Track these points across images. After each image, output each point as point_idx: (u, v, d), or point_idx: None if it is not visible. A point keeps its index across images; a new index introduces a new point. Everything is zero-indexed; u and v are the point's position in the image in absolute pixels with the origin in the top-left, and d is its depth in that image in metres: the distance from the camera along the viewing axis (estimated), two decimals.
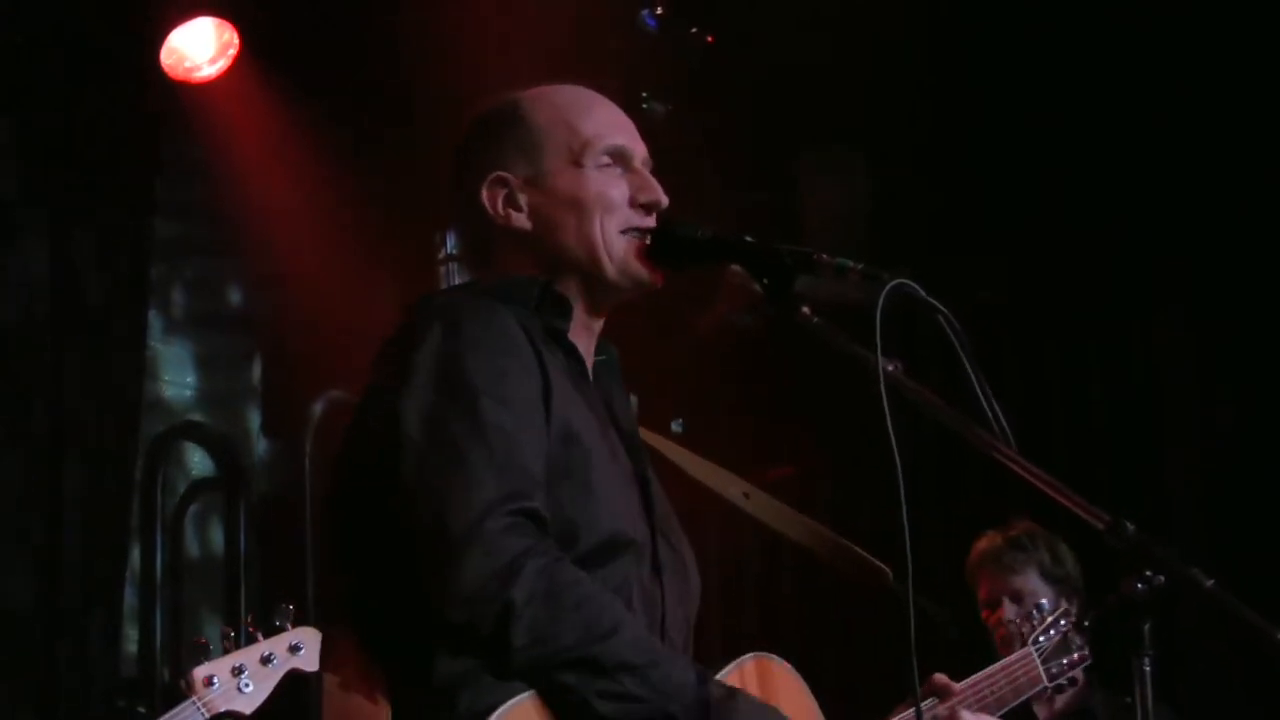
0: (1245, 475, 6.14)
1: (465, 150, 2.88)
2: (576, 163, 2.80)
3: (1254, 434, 6.18)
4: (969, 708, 3.40)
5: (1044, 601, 3.94)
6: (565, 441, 2.59)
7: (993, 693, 3.54)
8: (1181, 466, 6.36)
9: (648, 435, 2.97)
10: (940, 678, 3.39)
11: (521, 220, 2.79)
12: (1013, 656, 3.66)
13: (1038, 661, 3.70)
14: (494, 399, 2.53)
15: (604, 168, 2.81)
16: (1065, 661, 3.75)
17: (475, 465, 2.46)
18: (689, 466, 3.31)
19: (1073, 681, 3.79)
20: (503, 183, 2.80)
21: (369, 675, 2.55)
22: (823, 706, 2.94)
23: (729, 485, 3.41)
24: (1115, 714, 4.62)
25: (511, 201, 2.79)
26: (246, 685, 3.87)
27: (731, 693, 2.54)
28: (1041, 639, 3.74)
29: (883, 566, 3.43)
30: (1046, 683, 3.70)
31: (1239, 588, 2.55)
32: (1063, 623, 3.78)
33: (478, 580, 2.39)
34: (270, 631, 3.96)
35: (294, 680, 3.97)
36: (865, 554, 3.47)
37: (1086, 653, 3.82)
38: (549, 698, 2.44)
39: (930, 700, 3.35)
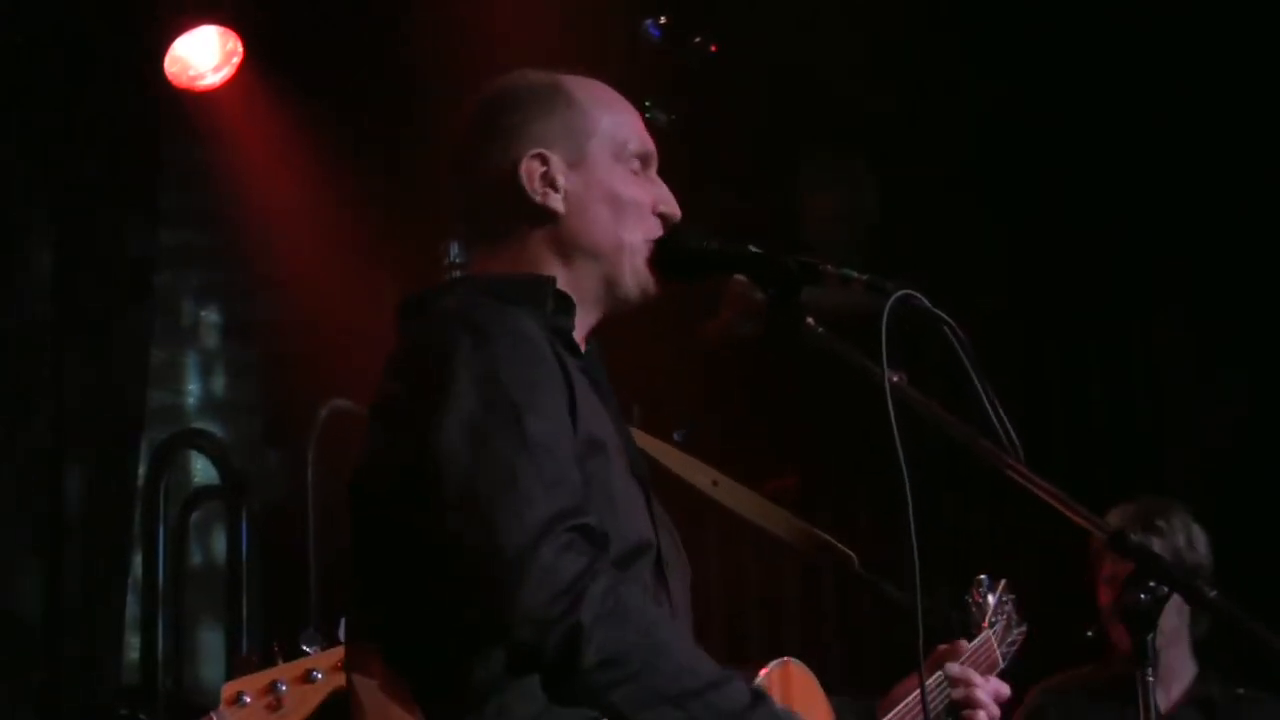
0: (1245, 475, 6.15)
1: (494, 120, 2.76)
2: (617, 157, 2.76)
3: (1254, 434, 6.19)
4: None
5: (983, 577, 3.63)
6: (590, 448, 2.54)
7: None
8: (1181, 466, 6.36)
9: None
10: (943, 647, 3.30)
11: (556, 202, 2.71)
12: (976, 641, 3.43)
13: (995, 644, 3.51)
14: (535, 413, 2.45)
15: (635, 171, 2.78)
16: (1010, 641, 3.56)
17: (526, 482, 2.39)
18: (655, 453, 3.27)
19: (1012, 660, 3.53)
20: (543, 160, 2.71)
21: (400, 684, 2.50)
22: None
23: (696, 473, 3.37)
24: (1232, 704, 4.53)
25: (549, 181, 2.71)
26: (279, 704, 3.52)
27: (787, 713, 2.53)
28: (995, 620, 3.54)
29: (849, 552, 3.40)
30: (1002, 665, 3.48)
31: (1239, 588, 2.55)
32: (1005, 600, 3.60)
33: (542, 601, 2.34)
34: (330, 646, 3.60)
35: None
36: (832, 540, 3.43)
37: (1025, 629, 3.62)
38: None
39: (938, 675, 3.24)
